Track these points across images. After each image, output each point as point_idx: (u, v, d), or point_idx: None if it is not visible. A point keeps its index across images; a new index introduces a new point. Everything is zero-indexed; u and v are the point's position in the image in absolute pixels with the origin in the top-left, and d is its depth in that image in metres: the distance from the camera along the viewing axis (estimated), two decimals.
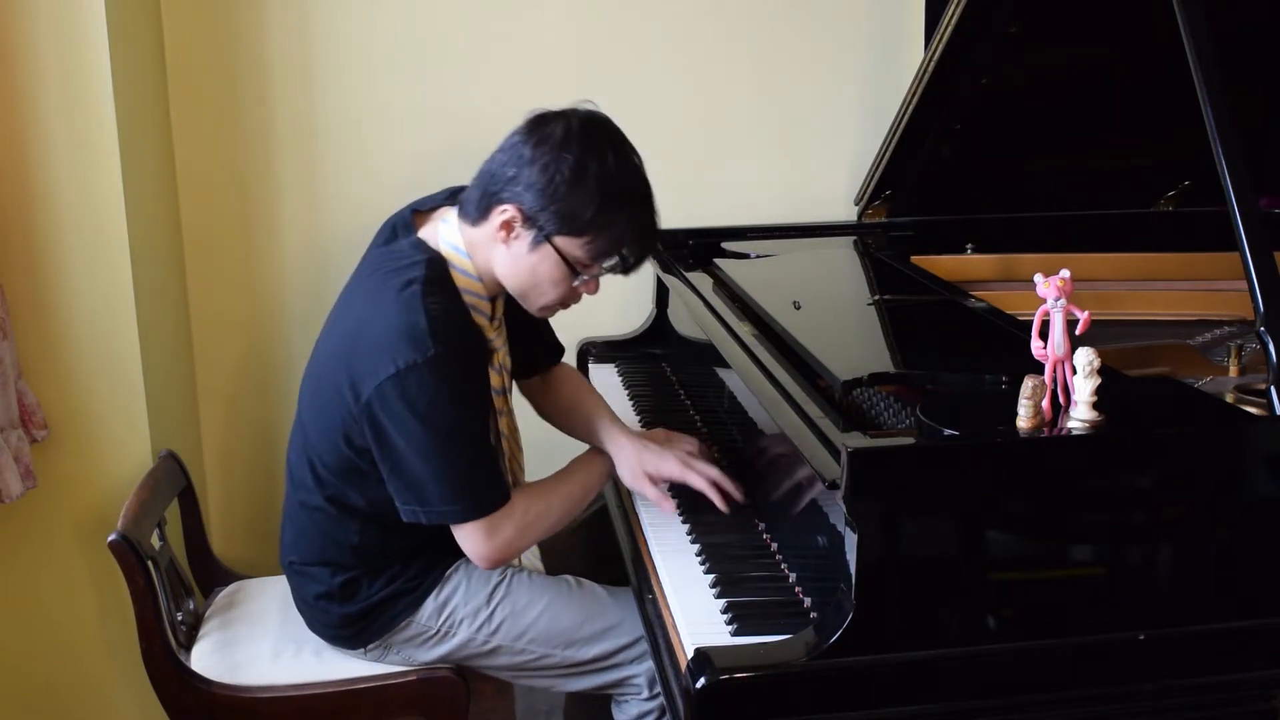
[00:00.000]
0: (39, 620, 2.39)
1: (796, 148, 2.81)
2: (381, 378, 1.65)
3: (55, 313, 2.25)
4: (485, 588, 1.88)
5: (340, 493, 1.82)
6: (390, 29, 2.62)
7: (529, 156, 1.69)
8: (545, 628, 1.86)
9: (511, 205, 1.70)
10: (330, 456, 1.80)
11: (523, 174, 1.69)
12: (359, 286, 1.81)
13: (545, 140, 1.69)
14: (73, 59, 2.16)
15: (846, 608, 1.34)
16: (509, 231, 1.72)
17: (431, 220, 1.83)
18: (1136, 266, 2.38)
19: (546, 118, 1.73)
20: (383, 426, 1.68)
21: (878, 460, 1.36)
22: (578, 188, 1.68)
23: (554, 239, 1.71)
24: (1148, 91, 2.27)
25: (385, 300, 1.70)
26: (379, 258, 1.80)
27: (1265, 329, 1.48)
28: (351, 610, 1.87)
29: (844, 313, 2.08)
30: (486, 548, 1.75)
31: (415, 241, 1.79)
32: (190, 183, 2.62)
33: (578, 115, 1.73)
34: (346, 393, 1.72)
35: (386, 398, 1.66)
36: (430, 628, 1.87)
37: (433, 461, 1.68)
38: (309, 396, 1.86)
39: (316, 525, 1.86)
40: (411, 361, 1.64)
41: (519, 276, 1.76)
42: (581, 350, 2.64)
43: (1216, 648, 1.44)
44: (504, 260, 1.75)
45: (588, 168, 1.68)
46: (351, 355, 1.72)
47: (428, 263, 1.73)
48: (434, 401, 1.65)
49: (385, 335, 1.66)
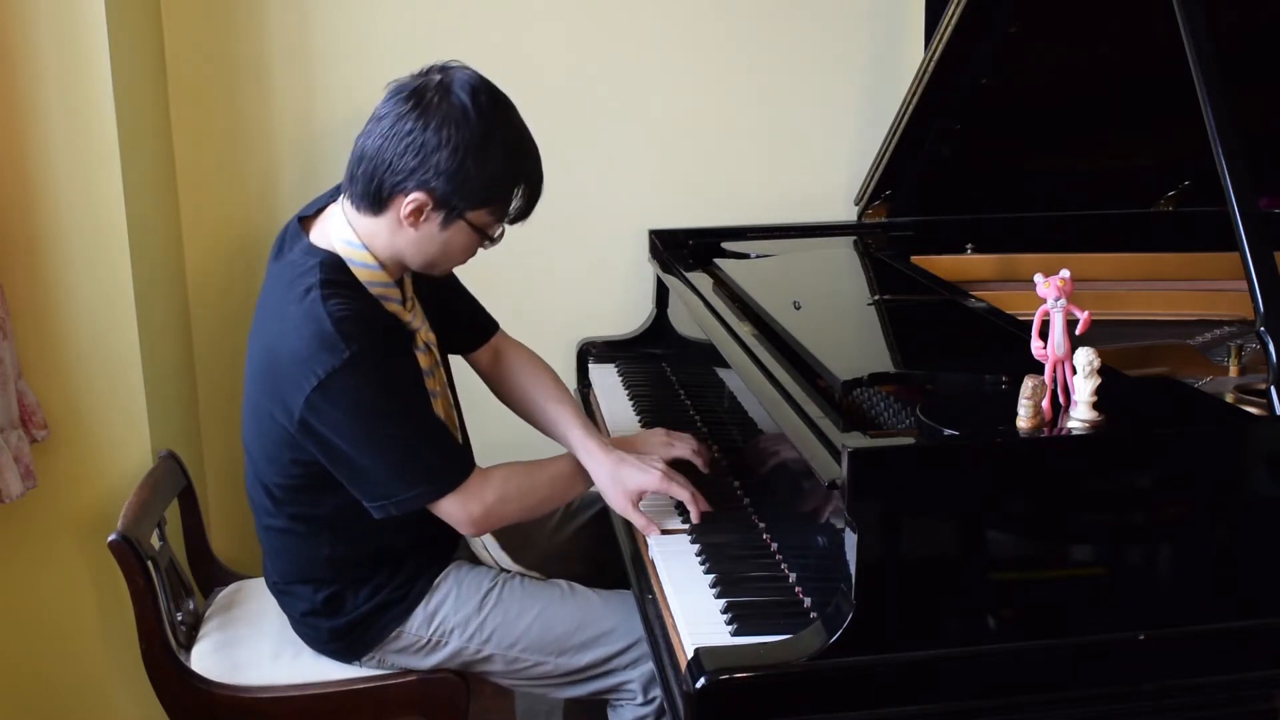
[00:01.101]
0: (39, 620, 2.39)
1: (796, 148, 2.81)
2: (307, 391, 1.64)
3: (55, 313, 2.25)
4: (476, 596, 1.87)
5: (300, 509, 1.81)
6: (390, 28, 2.62)
7: (432, 142, 1.64)
8: (538, 635, 1.85)
9: (420, 192, 1.66)
10: (280, 477, 1.79)
11: (429, 160, 1.64)
12: (263, 305, 1.79)
13: (443, 121, 1.64)
14: (73, 59, 2.16)
15: (846, 608, 1.34)
16: (417, 217, 1.69)
17: (319, 222, 1.79)
18: (1136, 266, 2.37)
19: (423, 92, 1.66)
20: (323, 437, 1.68)
21: (878, 460, 1.36)
22: (487, 163, 1.66)
23: (466, 215, 1.70)
24: (1148, 91, 2.27)
25: (288, 314, 1.68)
26: (275, 274, 1.78)
27: (1265, 329, 1.48)
28: (339, 624, 1.86)
29: (844, 313, 2.08)
30: (466, 514, 1.74)
31: (305, 247, 1.76)
32: (190, 183, 2.62)
33: (460, 83, 1.67)
34: (279, 415, 1.71)
35: (317, 409, 1.65)
36: (421, 637, 1.86)
37: (383, 454, 1.68)
38: (248, 421, 1.84)
39: (287, 545, 1.86)
40: (331, 368, 1.63)
41: (428, 254, 1.74)
42: (581, 350, 2.64)
43: (1216, 648, 1.44)
44: (410, 242, 1.72)
45: (493, 140, 1.66)
46: (273, 377, 1.70)
47: (321, 265, 1.71)
48: (363, 399, 1.65)
49: (298, 349, 1.65)
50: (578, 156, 2.67)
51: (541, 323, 2.73)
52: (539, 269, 2.75)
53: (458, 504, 1.73)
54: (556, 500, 1.88)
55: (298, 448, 1.73)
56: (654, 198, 2.77)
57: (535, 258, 2.73)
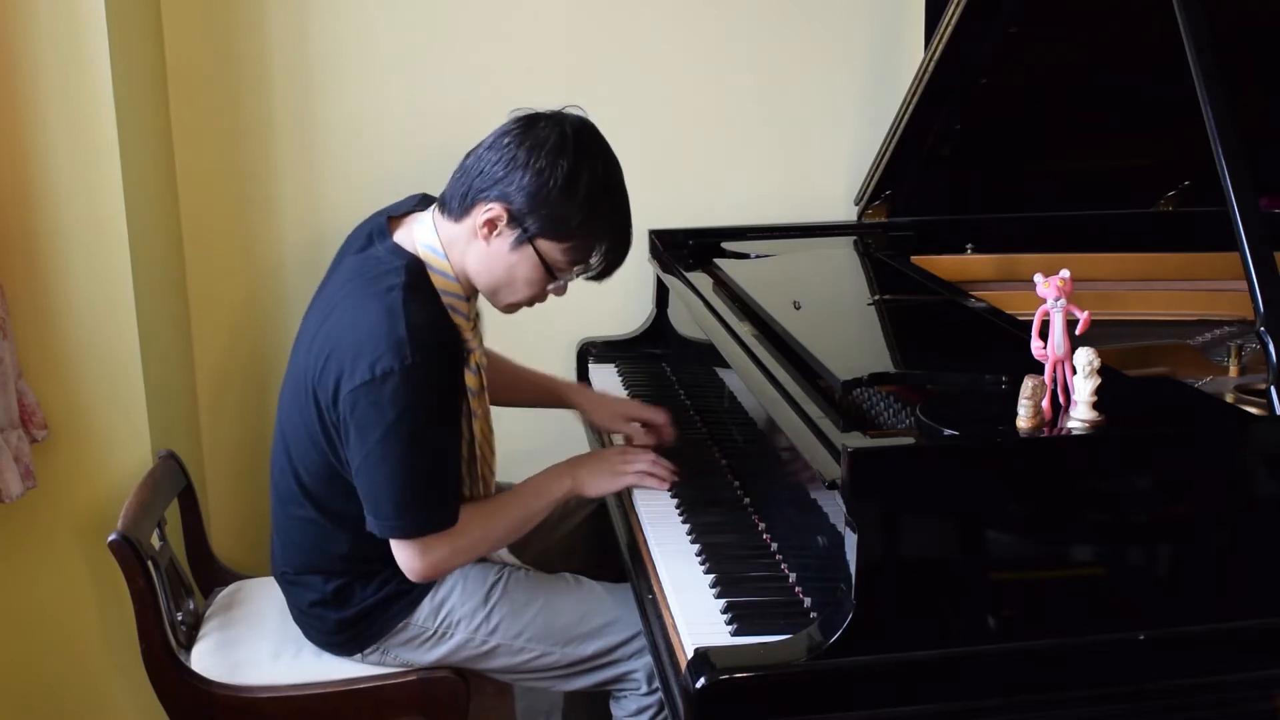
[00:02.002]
0: (39, 620, 2.39)
1: (796, 148, 2.81)
2: (357, 382, 1.66)
3: (55, 313, 2.25)
4: (482, 587, 1.88)
5: (328, 502, 1.82)
6: (390, 29, 2.62)
7: (523, 159, 1.70)
8: (543, 625, 1.86)
9: (499, 204, 1.71)
10: (314, 464, 1.80)
11: (515, 175, 1.70)
12: (338, 293, 1.80)
13: (540, 144, 1.70)
14: (73, 59, 2.16)
15: (846, 608, 1.34)
16: (492, 229, 1.73)
17: (406, 224, 1.83)
18: (1136, 266, 2.37)
19: (537, 120, 1.74)
20: (351, 430, 1.69)
21: (878, 460, 1.36)
22: (568, 194, 1.70)
23: (537, 241, 1.73)
24: (1148, 91, 2.27)
25: (367, 306, 1.70)
26: (356, 264, 1.80)
27: (1265, 329, 1.48)
28: (347, 615, 1.86)
29: (844, 313, 2.08)
30: (418, 564, 1.76)
31: (392, 246, 1.79)
32: (190, 183, 2.62)
33: (571, 122, 1.75)
34: (326, 396, 1.72)
35: (359, 402, 1.66)
36: (427, 629, 1.87)
37: (391, 473, 1.68)
38: (288, 405, 1.85)
39: (306, 536, 1.86)
40: (389, 369, 1.64)
41: (494, 274, 1.76)
42: (581, 350, 2.64)
43: (1216, 648, 1.44)
44: (480, 256, 1.75)
45: (580, 176, 1.71)
46: (330, 359, 1.72)
47: (407, 268, 1.74)
48: (404, 413, 1.66)
49: (366, 341, 1.66)
50: None
51: (541, 323, 2.73)
52: None
53: (418, 552, 1.75)
54: (511, 539, 1.89)
55: (334, 433, 1.74)
56: (654, 198, 2.76)
57: None
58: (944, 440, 1.38)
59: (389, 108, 2.66)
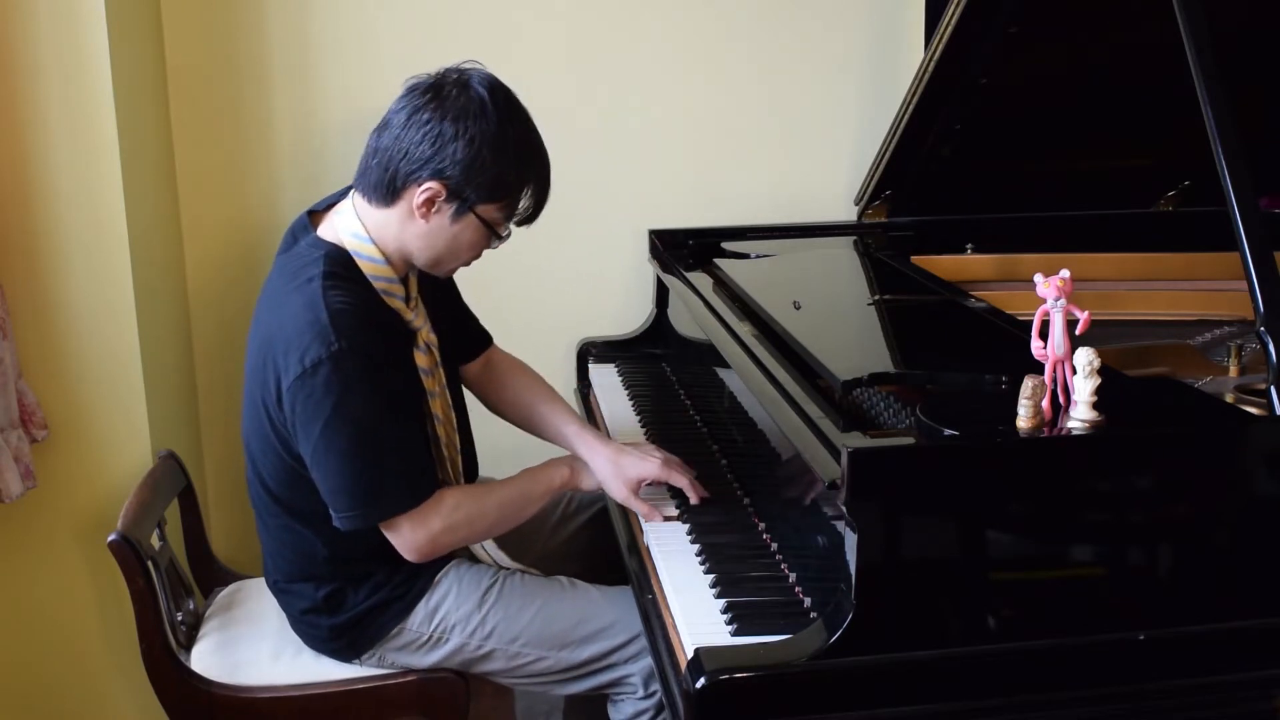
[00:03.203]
0: (39, 620, 2.39)
1: (796, 148, 2.81)
2: (291, 378, 1.66)
3: (55, 313, 2.25)
4: (477, 591, 1.87)
5: (297, 505, 1.81)
6: (390, 28, 2.62)
7: (450, 133, 1.67)
8: (539, 630, 1.86)
9: (435, 181, 1.69)
10: (276, 469, 1.80)
11: (445, 150, 1.68)
12: (267, 294, 1.80)
13: (462, 114, 1.68)
14: (73, 59, 2.16)
15: (846, 608, 1.34)
16: (430, 206, 1.72)
17: (328, 217, 1.82)
18: (1136, 266, 2.38)
19: (441, 87, 1.71)
20: (297, 427, 1.69)
21: (878, 460, 1.36)
22: (501, 156, 1.70)
23: (477, 208, 1.73)
24: (1148, 91, 2.27)
25: (289, 302, 1.70)
26: (281, 265, 1.80)
27: (1265, 329, 1.48)
28: (340, 621, 1.86)
29: (844, 313, 2.08)
30: (410, 540, 1.74)
31: (313, 240, 1.78)
32: (190, 183, 2.62)
33: (477, 80, 1.72)
34: (271, 399, 1.72)
35: (297, 397, 1.66)
36: (422, 634, 1.86)
37: (340, 462, 1.68)
38: (247, 418, 1.85)
39: (285, 542, 1.86)
40: (317, 358, 1.64)
41: (436, 248, 1.76)
42: (581, 350, 2.64)
43: (1216, 648, 1.44)
44: (421, 234, 1.74)
45: (508, 134, 1.70)
46: (267, 361, 1.72)
47: (325, 257, 1.73)
48: (341, 399, 1.65)
49: (293, 336, 1.66)
50: (578, 156, 2.67)
51: (541, 323, 2.73)
52: (539, 269, 2.75)
53: (406, 530, 1.74)
54: (506, 525, 1.87)
55: (287, 436, 1.74)
56: (654, 198, 2.77)
57: (536, 258, 2.73)
58: (944, 440, 1.38)
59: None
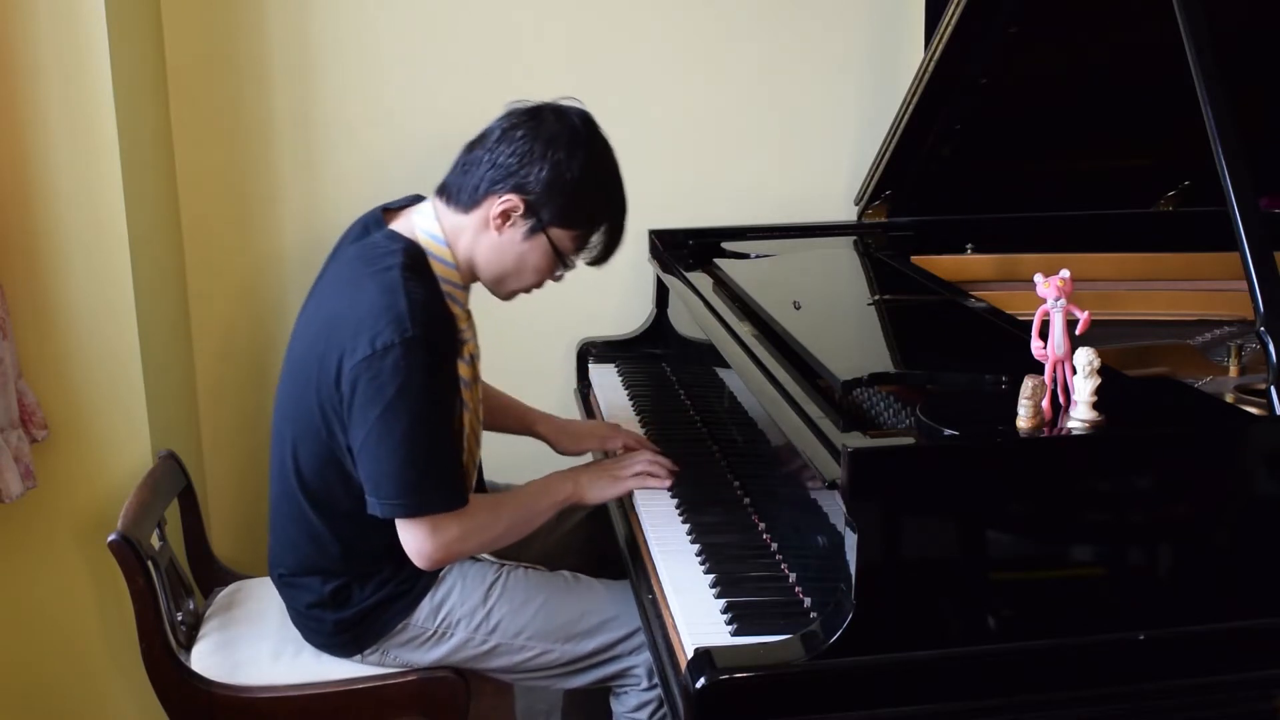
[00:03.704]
0: (39, 620, 2.39)
1: (796, 148, 2.81)
2: (358, 358, 1.67)
3: (55, 313, 2.25)
4: (481, 586, 1.87)
5: (325, 497, 1.81)
6: (390, 28, 2.62)
7: (539, 151, 1.74)
8: (543, 623, 1.86)
9: (515, 195, 1.75)
10: (313, 455, 1.80)
11: (531, 167, 1.74)
12: (335, 279, 1.82)
13: (555, 137, 1.75)
14: (73, 59, 2.16)
15: (846, 608, 1.34)
16: (506, 219, 1.76)
17: (403, 215, 1.86)
18: (1136, 266, 2.38)
19: (541, 112, 1.79)
20: (353, 408, 1.70)
21: (878, 460, 1.36)
22: (583, 186, 1.76)
23: (550, 230, 1.77)
24: (1148, 91, 2.27)
25: (365, 285, 1.72)
26: (354, 252, 1.82)
27: (1265, 329, 1.48)
28: (345, 616, 1.86)
29: (844, 313, 2.08)
30: (428, 546, 1.74)
31: (389, 233, 1.81)
32: (190, 182, 2.62)
33: (575, 114, 1.80)
34: (328, 378, 1.72)
35: (360, 378, 1.67)
36: (427, 629, 1.87)
37: (393, 449, 1.68)
38: (286, 398, 1.86)
39: (303, 534, 1.86)
40: (389, 342, 1.65)
41: (504, 262, 1.80)
42: (581, 350, 2.64)
43: (1216, 648, 1.44)
44: (491, 246, 1.79)
45: (592, 168, 1.78)
46: (330, 341, 1.72)
47: (405, 250, 1.76)
48: (404, 387, 1.66)
49: (366, 317, 1.68)
50: None
51: (541, 323, 2.73)
52: None
53: (426, 533, 1.73)
54: (514, 536, 1.88)
55: (333, 415, 1.74)
56: (654, 198, 2.76)
57: None
58: (944, 440, 1.38)
59: (389, 107, 2.66)
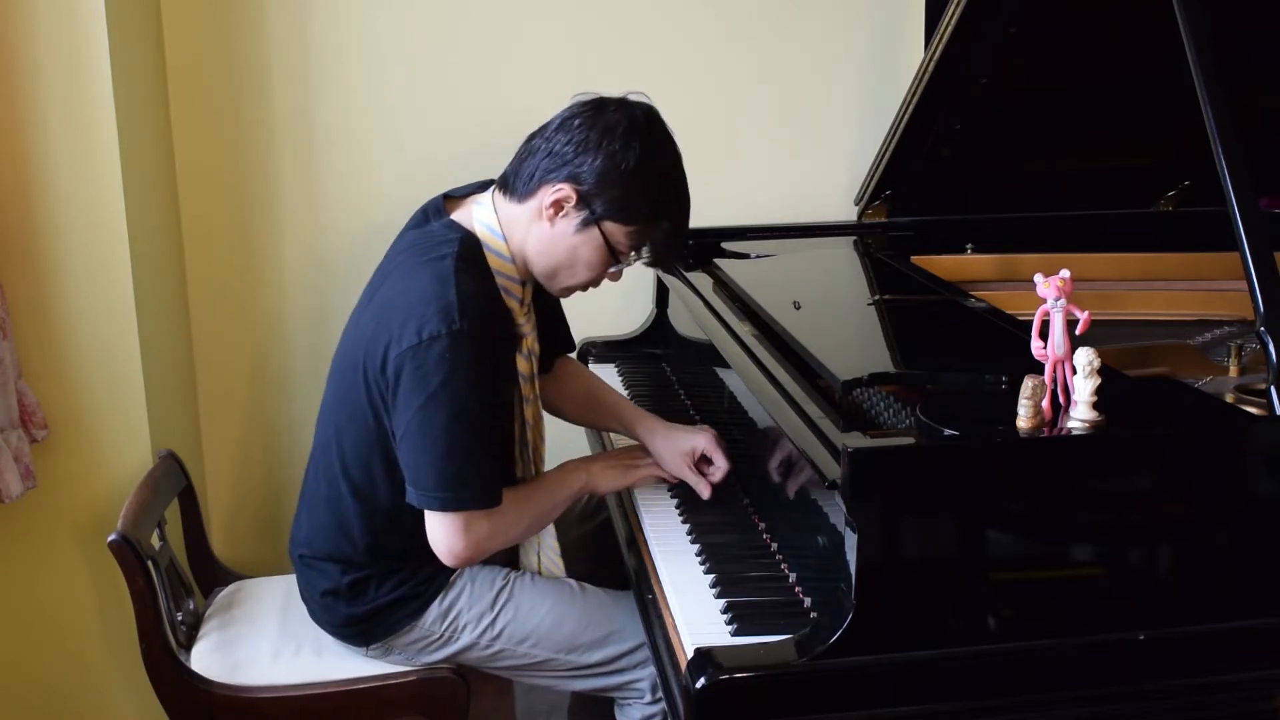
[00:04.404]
0: (39, 620, 2.39)
1: (796, 148, 2.81)
2: (404, 346, 1.66)
3: (55, 313, 2.25)
4: (489, 592, 1.87)
5: (364, 484, 1.81)
6: (390, 29, 2.62)
7: (595, 141, 1.72)
8: (549, 632, 1.86)
9: (568, 184, 1.73)
10: (357, 440, 1.80)
11: (585, 157, 1.72)
12: (392, 266, 1.82)
13: (613, 128, 1.72)
14: (73, 59, 2.16)
15: (846, 608, 1.34)
16: (558, 210, 1.74)
17: (465, 204, 1.85)
18: (1136, 266, 2.38)
19: (606, 104, 1.77)
20: (397, 396, 1.69)
21: (878, 460, 1.36)
22: (639, 178, 1.73)
23: (603, 223, 1.74)
24: (1148, 91, 2.27)
25: (418, 273, 1.71)
26: (412, 239, 1.82)
27: (1265, 329, 1.48)
28: (357, 611, 1.86)
29: (844, 313, 2.08)
30: (460, 544, 1.72)
31: (448, 223, 1.81)
32: (190, 183, 2.62)
33: (640, 108, 1.77)
34: (375, 363, 1.72)
35: (405, 366, 1.67)
36: (434, 632, 1.87)
37: (434, 441, 1.67)
38: (338, 379, 1.85)
39: (334, 519, 1.85)
40: (436, 332, 1.64)
41: (555, 255, 1.78)
42: (581, 350, 2.64)
43: (1216, 648, 1.44)
44: (543, 238, 1.76)
45: (651, 160, 1.74)
46: (380, 326, 1.72)
47: (461, 241, 1.75)
48: (448, 378, 1.65)
49: (415, 305, 1.67)
50: None
51: None
52: None
53: (459, 529, 1.72)
54: (534, 530, 1.89)
55: (379, 401, 1.74)
56: None
57: None
58: (944, 440, 1.38)
59: (389, 108, 2.66)
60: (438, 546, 1.74)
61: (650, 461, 1.94)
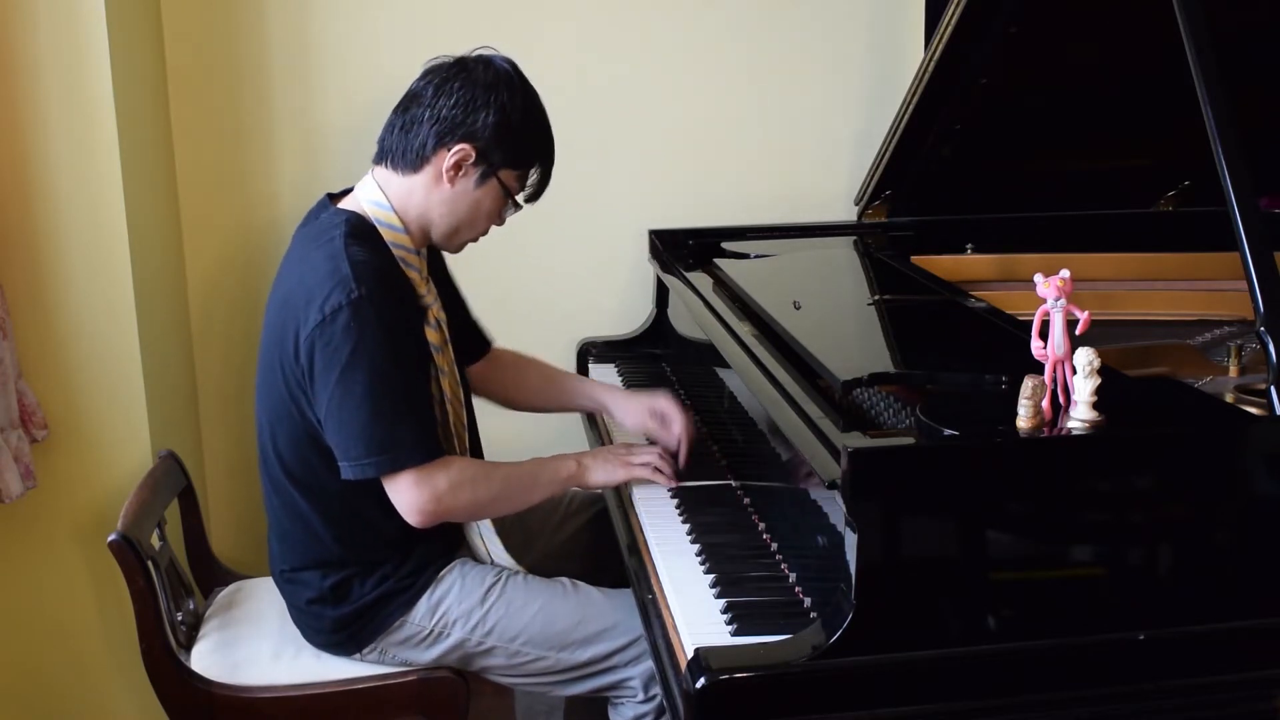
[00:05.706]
0: (39, 620, 2.39)
1: (796, 148, 2.81)
2: (310, 326, 1.70)
3: (55, 313, 2.25)
4: (479, 588, 1.87)
5: (306, 476, 1.82)
6: (390, 29, 2.62)
7: (481, 98, 1.78)
8: (540, 629, 1.86)
9: (465, 144, 1.78)
10: (290, 436, 1.81)
11: (479, 114, 1.78)
12: (285, 265, 1.86)
13: (492, 84, 1.79)
14: (73, 59, 2.16)
15: (846, 608, 1.34)
16: (458, 170, 1.80)
17: (347, 197, 1.89)
18: (1136, 266, 2.38)
19: (468, 63, 1.82)
20: (315, 376, 1.72)
21: (878, 460, 1.36)
22: (525, 124, 1.81)
23: (500, 171, 1.81)
24: (1148, 91, 2.27)
25: (312, 258, 1.76)
26: (302, 235, 1.86)
27: (1265, 329, 1.48)
28: (345, 612, 1.86)
29: (844, 313, 2.08)
30: (419, 498, 1.73)
31: (334, 210, 1.85)
32: (190, 183, 2.63)
33: (502, 60, 1.84)
34: (289, 354, 1.75)
35: (315, 344, 1.70)
36: (424, 628, 1.87)
37: (356, 408, 1.69)
38: (261, 392, 1.87)
39: (296, 525, 1.86)
40: (338, 304, 1.68)
41: (457, 215, 1.84)
42: (581, 350, 2.64)
43: (1216, 648, 1.44)
44: (446, 199, 1.82)
45: (531, 106, 1.83)
46: (287, 318, 1.76)
47: (347, 221, 1.79)
48: (359, 344, 1.68)
49: (313, 287, 1.71)
50: (578, 156, 2.66)
51: (542, 323, 2.73)
52: (540, 268, 2.76)
53: (411, 485, 1.73)
54: (511, 503, 1.89)
55: (299, 391, 1.76)
56: (654, 198, 2.77)
57: (536, 257, 2.73)
58: (944, 440, 1.38)
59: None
60: (402, 509, 1.76)
61: (642, 459, 1.92)
